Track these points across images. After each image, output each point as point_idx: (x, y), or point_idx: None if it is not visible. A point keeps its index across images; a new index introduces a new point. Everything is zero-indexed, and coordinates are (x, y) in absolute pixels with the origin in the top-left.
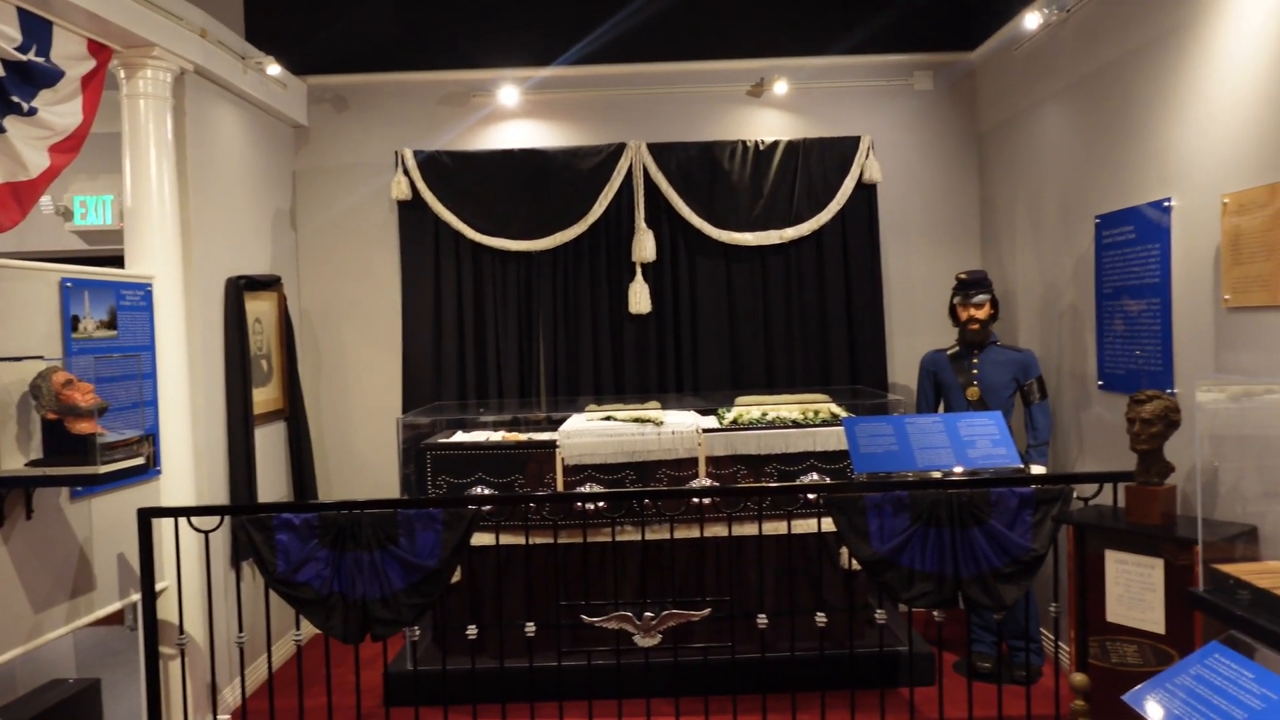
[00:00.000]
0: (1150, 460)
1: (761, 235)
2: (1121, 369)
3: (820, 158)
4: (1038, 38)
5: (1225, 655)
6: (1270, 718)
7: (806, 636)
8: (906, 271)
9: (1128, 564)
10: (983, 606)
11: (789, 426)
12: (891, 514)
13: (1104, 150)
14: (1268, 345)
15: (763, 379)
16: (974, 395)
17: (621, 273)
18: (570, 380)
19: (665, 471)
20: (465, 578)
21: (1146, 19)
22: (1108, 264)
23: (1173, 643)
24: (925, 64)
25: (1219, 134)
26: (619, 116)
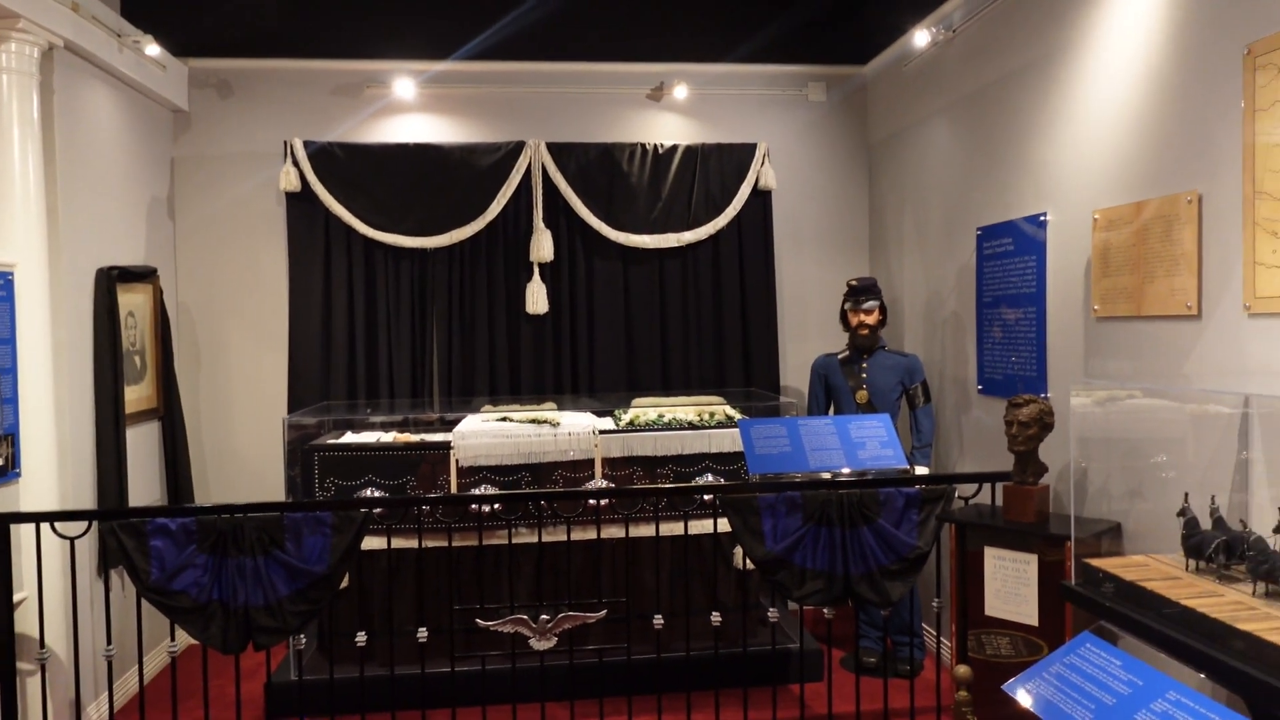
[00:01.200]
0: (1026, 461)
1: (660, 238)
2: (1000, 374)
3: (718, 163)
4: (926, 55)
5: (1095, 645)
6: (1137, 702)
7: (701, 636)
8: (799, 277)
9: (1005, 560)
10: (871, 603)
11: (685, 428)
12: (785, 514)
13: (986, 165)
14: (1132, 353)
15: (659, 381)
16: (863, 398)
17: (519, 272)
18: (465, 381)
19: (561, 473)
20: (354, 583)
21: (1026, 43)
22: (988, 274)
23: (1043, 634)
24: (819, 76)
25: (1090, 154)
26: (518, 114)
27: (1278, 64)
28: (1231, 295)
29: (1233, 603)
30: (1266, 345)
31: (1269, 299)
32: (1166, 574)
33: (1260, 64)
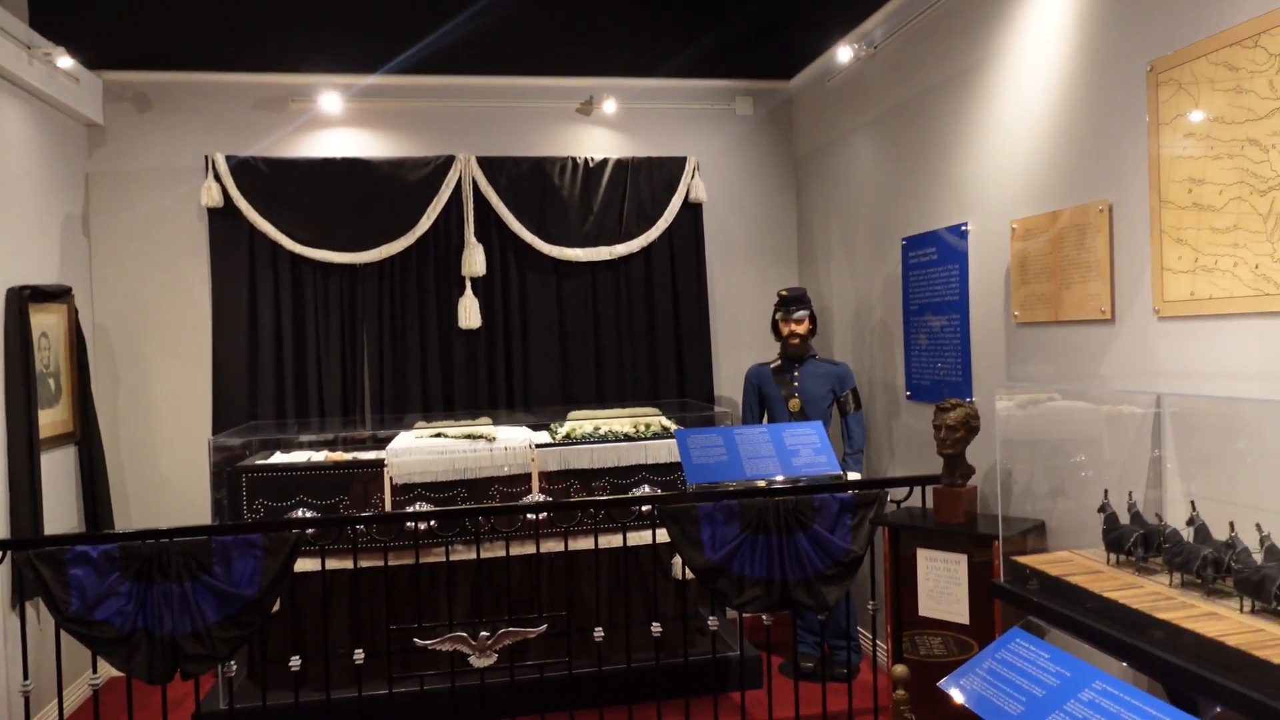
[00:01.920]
0: (954, 464)
1: (592, 251)
2: (927, 380)
3: (648, 176)
4: (849, 70)
5: (1024, 639)
6: (1065, 693)
7: (642, 648)
8: (731, 288)
9: (936, 560)
10: (808, 608)
11: (621, 440)
12: (723, 522)
13: (909, 177)
14: (1050, 356)
15: (594, 393)
16: (795, 407)
17: (451, 287)
18: (397, 397)
19: (498, 488)
20: (286, 606)
21: (944, 59)
22: (913, 283)
23: (974, 632)
24: (746, 90)
25: (1007, 165)
26: (448, 129)
27: (1178, 80)
28: (1142, 300)
29: (1151, 593)
30: (1175, 347)
31: (1176, 303)
32: (1089, 568)
33: (1162, 80)
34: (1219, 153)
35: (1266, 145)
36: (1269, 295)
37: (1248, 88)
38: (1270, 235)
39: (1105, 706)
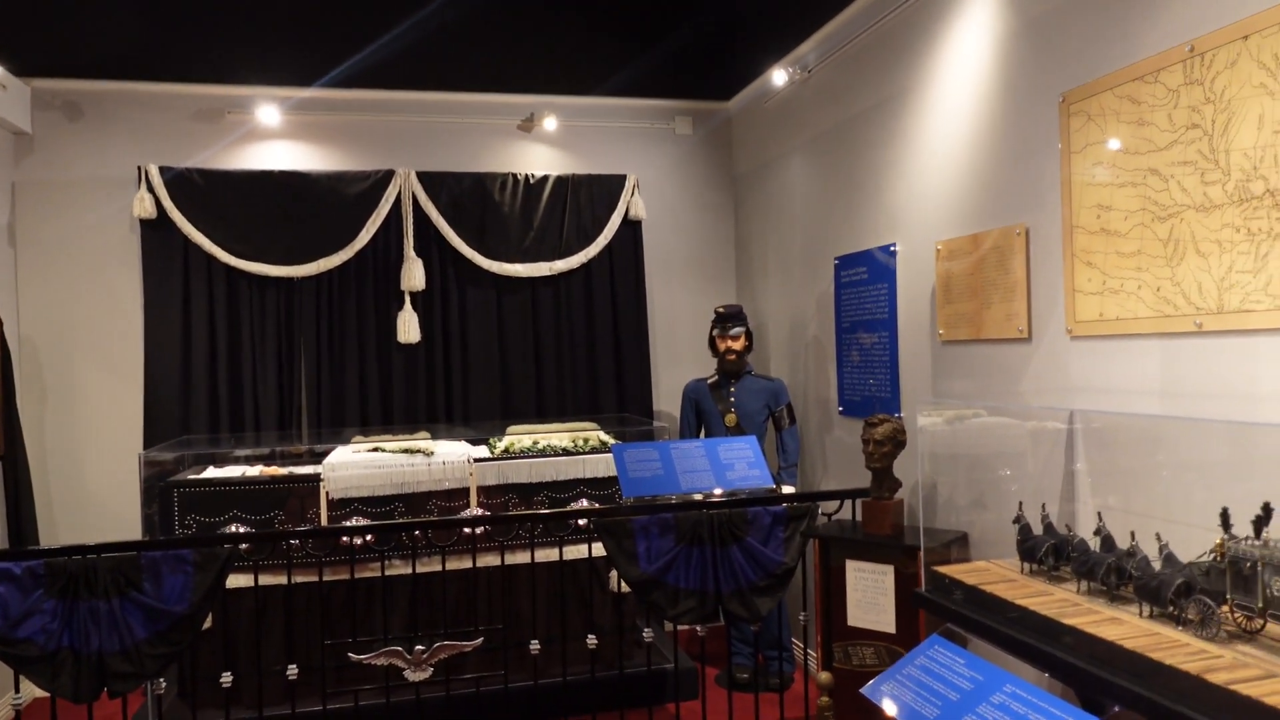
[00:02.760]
0: (882, 477)
1: (532, 267)
2: (858, 395)
3: (589, 193)
4: (785, 94)
5: (943, 646)
6: (978, 697)
7: (578, 661)
8: (670, 305)
9: (865, 571)
10: (741, 619)
11: (559, 454)
12: (658, 535)
13: (841, 198)
14: (973, 374)
15: (533, 408)
16: (732, 421)
17: (389, 301)
18: (335, 412)
19: (436, 502)
20: (218, 623)
21: (874, 85)
22: (845, 301)
23: (902, 641)
24: (686, 110)
25: (933, 188)
26: (387, 143)
27: (1087, 111)
28: (1056, 320)
29: (1060, 600)
30: (1086, 365)
31: (1087, 323)
32: (1004, 577)
33: (1073, 110)
34: (1124, 181)
35: (1166, 175)
36: (1169, 317)
37: (1149, 120)
38: (1170, 260)
39: (1014, 708)
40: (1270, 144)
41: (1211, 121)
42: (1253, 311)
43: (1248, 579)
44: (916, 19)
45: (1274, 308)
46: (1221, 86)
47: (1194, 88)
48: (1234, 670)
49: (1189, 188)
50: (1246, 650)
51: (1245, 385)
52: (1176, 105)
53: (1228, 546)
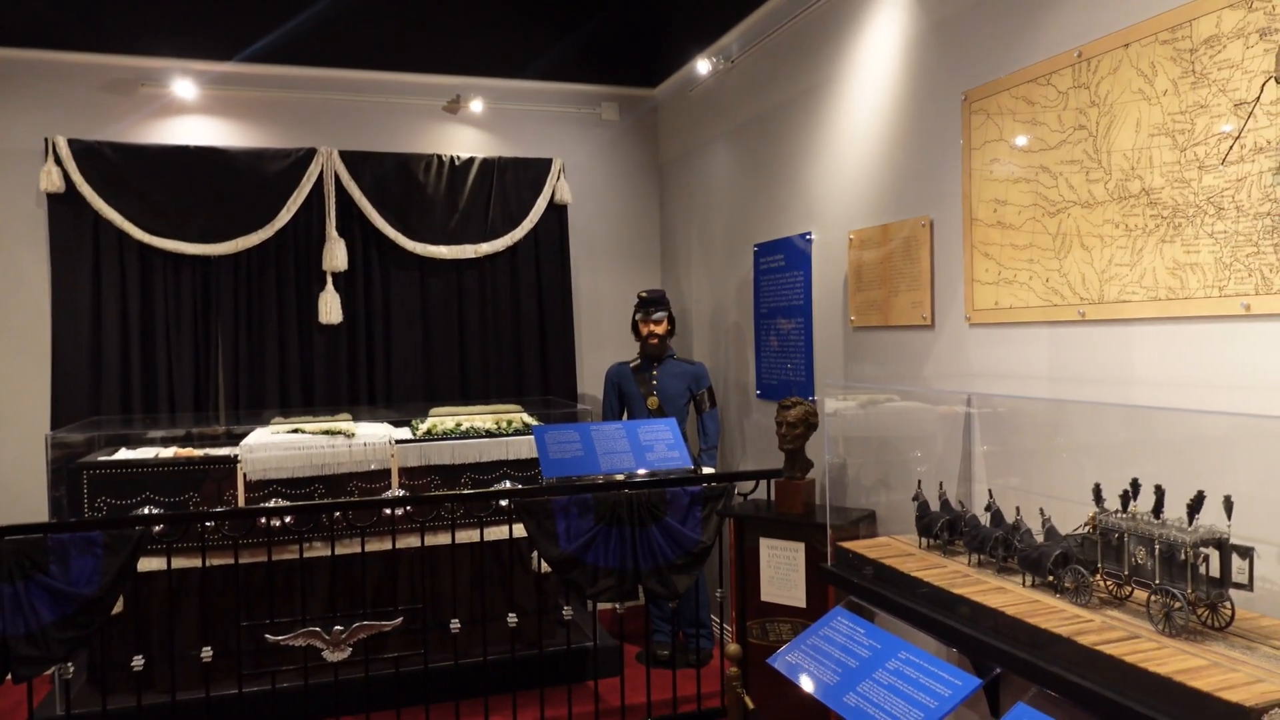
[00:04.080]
0: (795, 458)
1: (457, 249)
2: (775, 379)
3: (514, 177)
4: (709, 82)
5: (846, 617)
6: (875, 663)
7: (500, 640)
8: (594, 289)
9: (778, 549)
10: (659, 596)
11: (483, 436)
12: (578, 515)
13: (761, 186)
14: (881, 358)
15: (457, 390)
16: (654, 404)
17: (311, 282)
18: (253, 393)
19: (357, 484)
20: (130, 606)
21: (792, 77)
22: (764, 287)
23: (811, 615)
24: (612, 96)
25: (847, 180)
26: (310, 121)
27: (987, 110)
28: (957, 308)
29: (952, 572)
30: (983, 351)
31: (984, 311)
32: (904, 551)
33: (974, 109)
34: (1018, 177)
35: (1056, 173)
36: (1056, 306)
37: (1041, 120)
38: (1058, 253)
39: (906, 673)
40: (1146, 146)
41: (1096, 123)
42: (1129, 302)
43: (1117, 549)
44: (833, 15)
45: (1148, 299)
46: (1105, 91)
47: (1081, 91)
48: (1102, 632)
49: (1075, 185)
50: (1114, 614)
51: (1122, 370)
52: (1066, 107)
53: (1099, 520)
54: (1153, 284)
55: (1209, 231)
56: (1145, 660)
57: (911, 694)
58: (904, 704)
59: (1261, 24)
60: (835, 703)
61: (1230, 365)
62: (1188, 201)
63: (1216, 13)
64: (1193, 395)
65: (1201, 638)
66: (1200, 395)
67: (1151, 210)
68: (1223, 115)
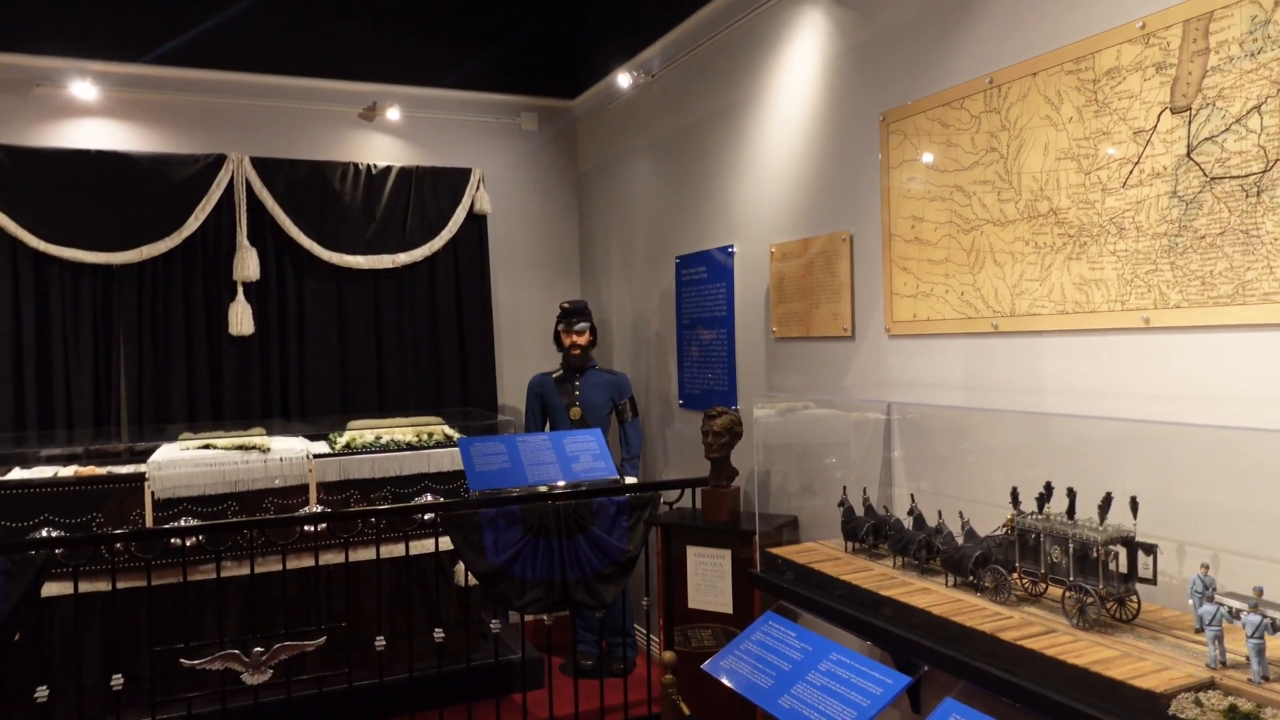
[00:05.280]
0: (720, 466)
1: (374, 259)
2: (697, 389)
3: (433, 186)
4: (629, 96)
5: (776, 621)
6: (807, 665)
7: (426, 656)
8: (514, 299)
9: (704, 556)
10: (587, 606)
11: (403, 449)
12: (505, 528)
13: (683, 199)
14: (803, 369)
15: (375, 403)
16: (576, 415)
17: (221, 292)
18: (158, 408)
19: (273, 500)
20: (32, 633)
21: (715, 92)
22: (686, 299)
23: (737, 620)
24: (531, 106)
25: (768, 194)
26: (219, 126)
27: (904, 131)
28: (876, 320)
29: (878, 575)
30: (902, 361)
31: (902, 323)
32: (830, 556)
33: (892, 129)
34: (934, 195)
35: (969, 192)
36: (970, 318)
37: (955, 142)
38: (972, 268)
39: (839, 674)
40: (1053, 169)
41: (1006, 146)
42: (1039, 315)
43: (1033, 549)
44: (753, 34)
45: (1056, 312)
46: (1015, 116)
47: (992, 115)
48: (1021, 628)
49: (988, 204)
50: (1032, 611)
51: (1033, 379)
52: (978, 130)
53: (1016, 521)
54: (1060, 298)
55: (1112, 250)
56: (1063, 653)
57: (844, 694)
58: (838, 704)
59: (1158, 59)
60: (771, 705)
61: (1132, 374)
62: (1092, 221)
63: (1117, 46)
64: (1098, 403)
65: (1112, 630)
66: (1105, 403)
67: (1059, 229)
68: (1123, 142)
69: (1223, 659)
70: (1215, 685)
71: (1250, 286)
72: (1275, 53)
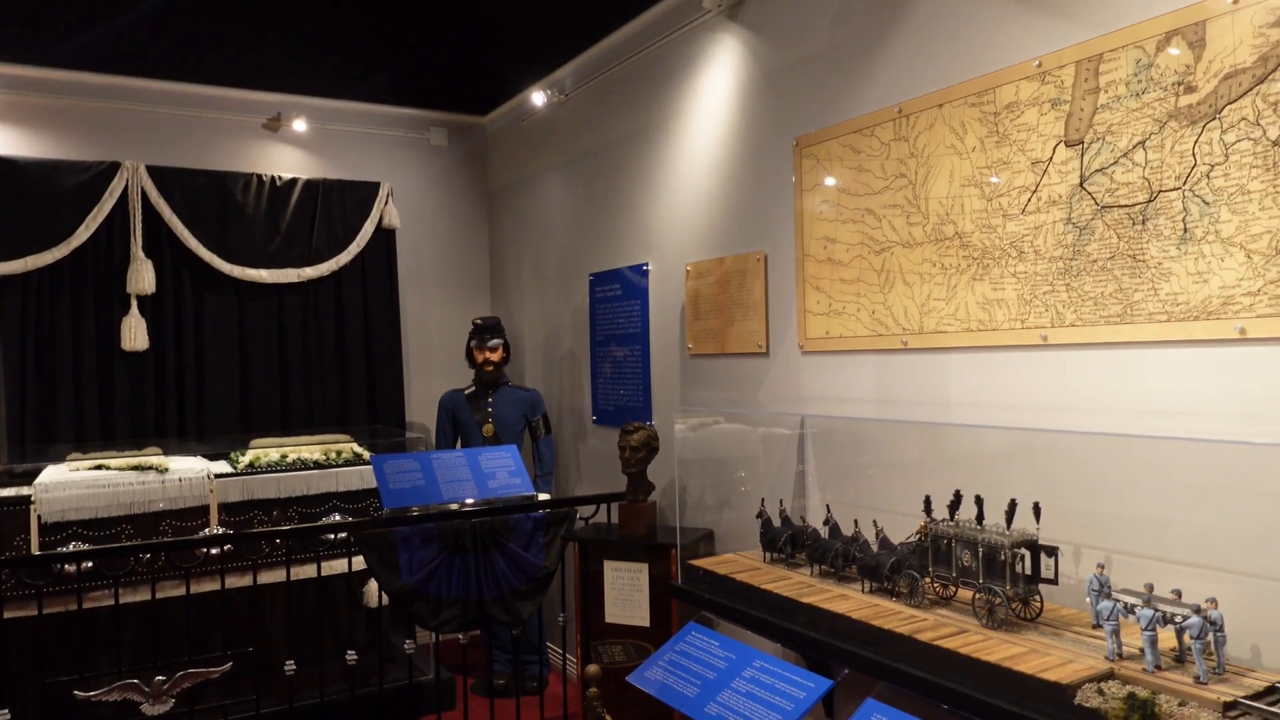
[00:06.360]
0: (637, 481)
1: (279, 273)
2: (612, 405)
3: (340, 199)
4: (543, 113)
5: (699, 632)
6: (731, 673)
7: (337, 679)
8: (423, 315)
9: (621, 570)
10: (503, 623)
11: (311, 468)
12: (420, 546)
13: (597, 218)
14: (718, 384)
15: (279, 420)
16: (489, 431)
17: (113, 305)
18: (43, 427)
19: (170, 523)
20: None
21: (630, 113)
22: (599, 316)
23: (655, 634)
24: (441, 122)
25: (684, 214)
26: (113, 133)
27: (817, 155)
28: (790, 337)
29: (797, 583)
30: (815, 377)
31: (815, 340)
32: (749, 566)
33: (805, 154)
34: (846, 218)
35: (880, 215)
36: (881, 335)
37: (866, 167)
38: (883, 288)
39: (763, 680)
40: (958, 195)
41: (915, 172)
42: (945, 332)
43: (945, 554)
44: (669, 58)
45: (962, 330)
46: (923, 144)
47: (901, 143)
48: (936, 629)
49: (897, 227)
50: (944, 613)
51: (940, 393)
52: (888, 157)
53: (929, 528)
54: (965, 317)
55: (1013, 272)
56: (976, 651)
57: (769, 699)
58: (762, 709)
59: (1053, 95)
60: (697, 713)
61: (1031, 388)
62: (994, 245)
63: (1015, 83)
64: (1001, 414)
65: (1018, 628)
66: (1007, 414)
67: (964, 251)
68: (1022, 171)
69: (1120, 651)
70: (1114, 675)
71: (1137, 307)
72: (1157, 94)
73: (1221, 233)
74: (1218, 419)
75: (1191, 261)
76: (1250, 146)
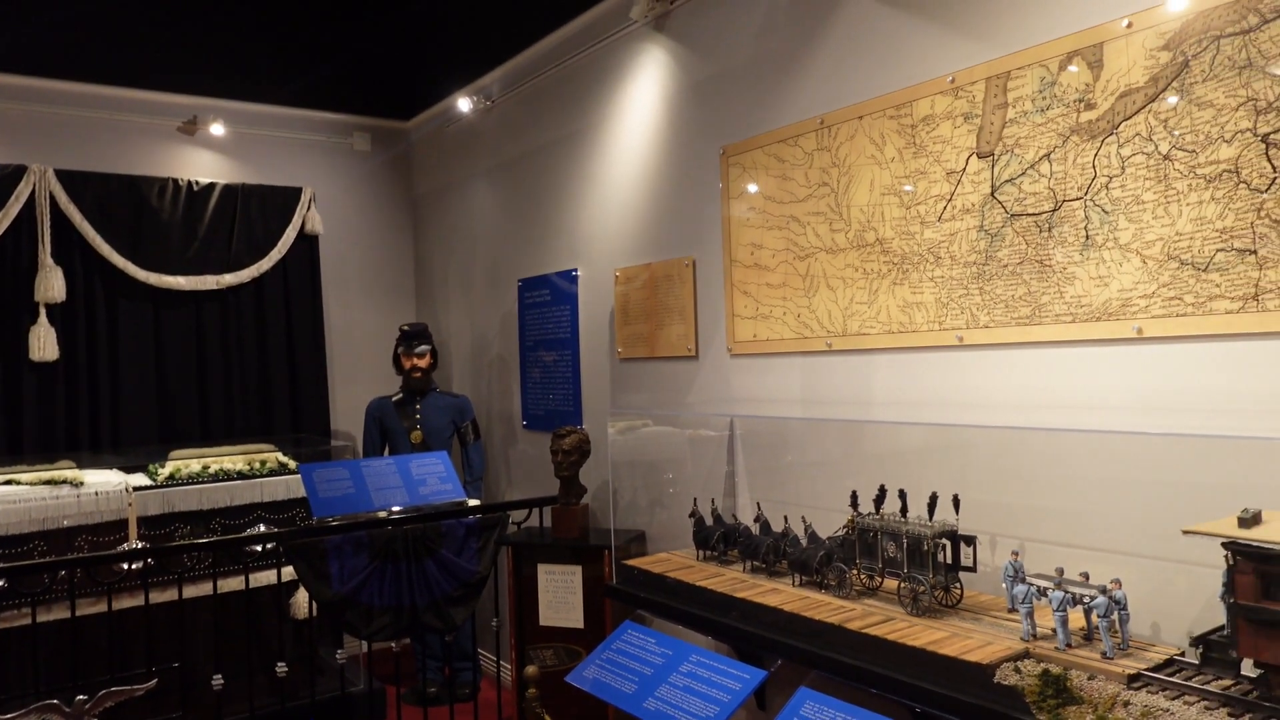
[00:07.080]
0: (570, 485)
1: (196, 280)
2: (541, 410)
3: (261, 205)
4: (468, 120)
5: (635, 630)
6: (669, 669)
7: (268, 693)
8: (349, 321)
9: (555, 573)
10: (436, 630)
11: (235, 478)
12: (352, 555)
13: (524, 224)
14: (647, 388)
15: (199, 431)
16: (418, 438)
17: (20, 314)
18: None
19: (86, 538)
20: None
21: (557, 120)
22: (529, 321)
23: (589, 635)
24: (364, 126)
25: (612, 220)
26: (19, 136)
27: (743, 164)
28: (719, 340)
29: (730, 579)
30: (742, 378)
31: (743, 343)
32: (683, 564)
33: (732, 162)
34: (772, 224)
35: (804, 222)
36: (806, 338)
37: (791, 176)
38: (808, 292)
39: (699, 673)
40: (879, 203)
41: (837, 181)
42: (868, 334)
43: (871, 546)
44: (596, 66)
45: (883, 332)
46: (844, 154)
47: (824, 153)
48: (864, 619)
49: (821, 234)
50: (871, 602)
51: (864, 393)
52: (811, 166)
53: (855, 522)
54: (887, 319)
55: (930, 276)
56: (902, 637)
57: (706, 691)
58: (700, 701)
59: (965, 109)
60: (636, 709)
61: (949, 386)
62: (913, 251)
63: (931, 97)
64: (922, 412)
65: (941, 614)
66: (927, 412)
67: (885, 257)
68: (938, 181)
69: (1034, 632)
70: (1030, 655)
71: (1045, 309)
72: (1060, 110)
73: (1120, 239)
74: (1119, 413)
75: (1093, 266)
76: (1144, 160)
